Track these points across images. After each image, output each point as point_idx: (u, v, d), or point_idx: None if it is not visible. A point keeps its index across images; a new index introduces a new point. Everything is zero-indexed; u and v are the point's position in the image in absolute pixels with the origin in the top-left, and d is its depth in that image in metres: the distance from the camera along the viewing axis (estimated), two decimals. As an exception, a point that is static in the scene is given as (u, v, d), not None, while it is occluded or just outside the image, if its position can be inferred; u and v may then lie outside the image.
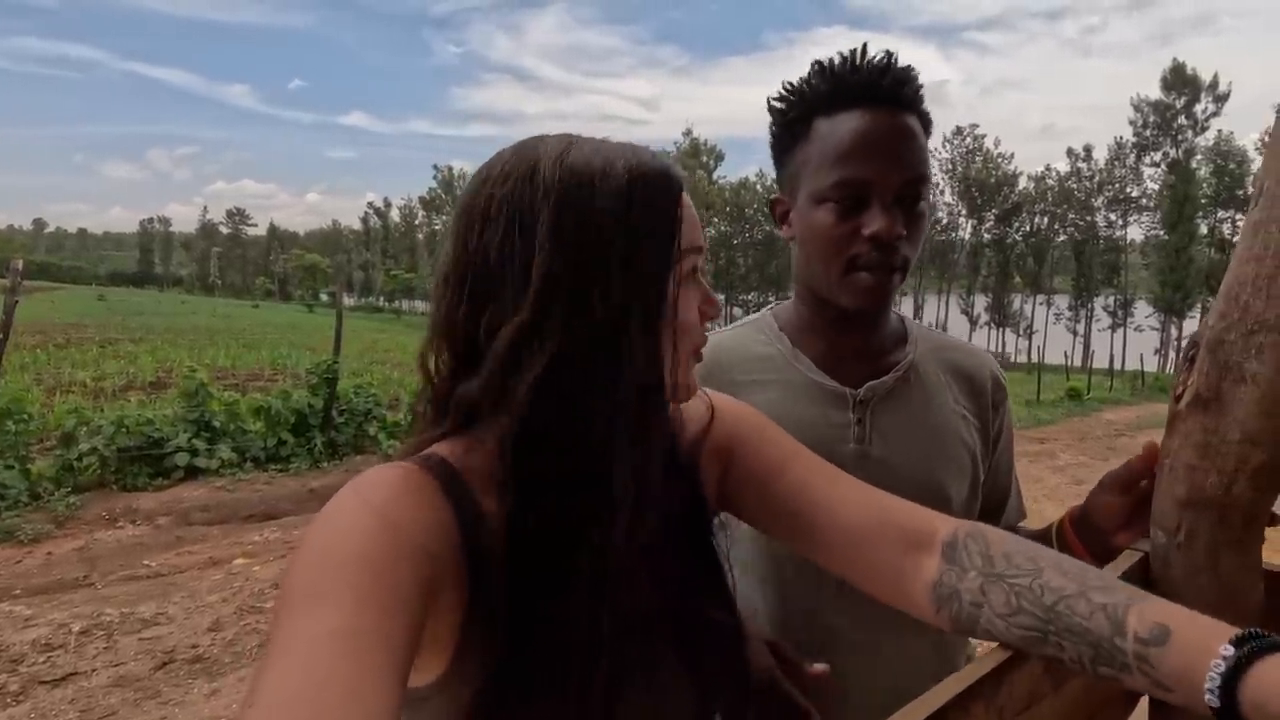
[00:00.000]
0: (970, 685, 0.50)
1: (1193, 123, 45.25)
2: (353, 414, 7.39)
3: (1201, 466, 0.64)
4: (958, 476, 0.92)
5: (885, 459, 0.89)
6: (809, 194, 0.87)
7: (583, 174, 0.55)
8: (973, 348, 1.04)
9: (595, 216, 0.54)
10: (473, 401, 0.55)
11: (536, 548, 0.54)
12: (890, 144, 0.84)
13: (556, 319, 0.53)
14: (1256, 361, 0.61)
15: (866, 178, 0.83)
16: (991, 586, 0.57)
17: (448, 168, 75.41)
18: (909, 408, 0.92)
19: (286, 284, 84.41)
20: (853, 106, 0.85)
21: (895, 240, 0.83)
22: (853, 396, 0.91)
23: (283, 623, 0.42)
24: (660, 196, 0.56)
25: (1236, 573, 0.65)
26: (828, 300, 0.90)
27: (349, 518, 0.48)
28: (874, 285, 0.85)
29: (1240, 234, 0.66)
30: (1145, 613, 0.50)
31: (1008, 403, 1.01)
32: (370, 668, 0.40)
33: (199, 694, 3.10)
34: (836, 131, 0.85)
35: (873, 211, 0.83)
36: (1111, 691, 0.65)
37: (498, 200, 0.55)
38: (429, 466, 0.54)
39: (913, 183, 0.84)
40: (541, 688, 0.53)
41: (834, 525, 0.65)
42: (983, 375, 0.99)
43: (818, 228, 0.86)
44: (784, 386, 0.92)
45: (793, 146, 0.90)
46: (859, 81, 0.85)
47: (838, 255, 0.85)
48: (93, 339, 17.45)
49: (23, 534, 4.76)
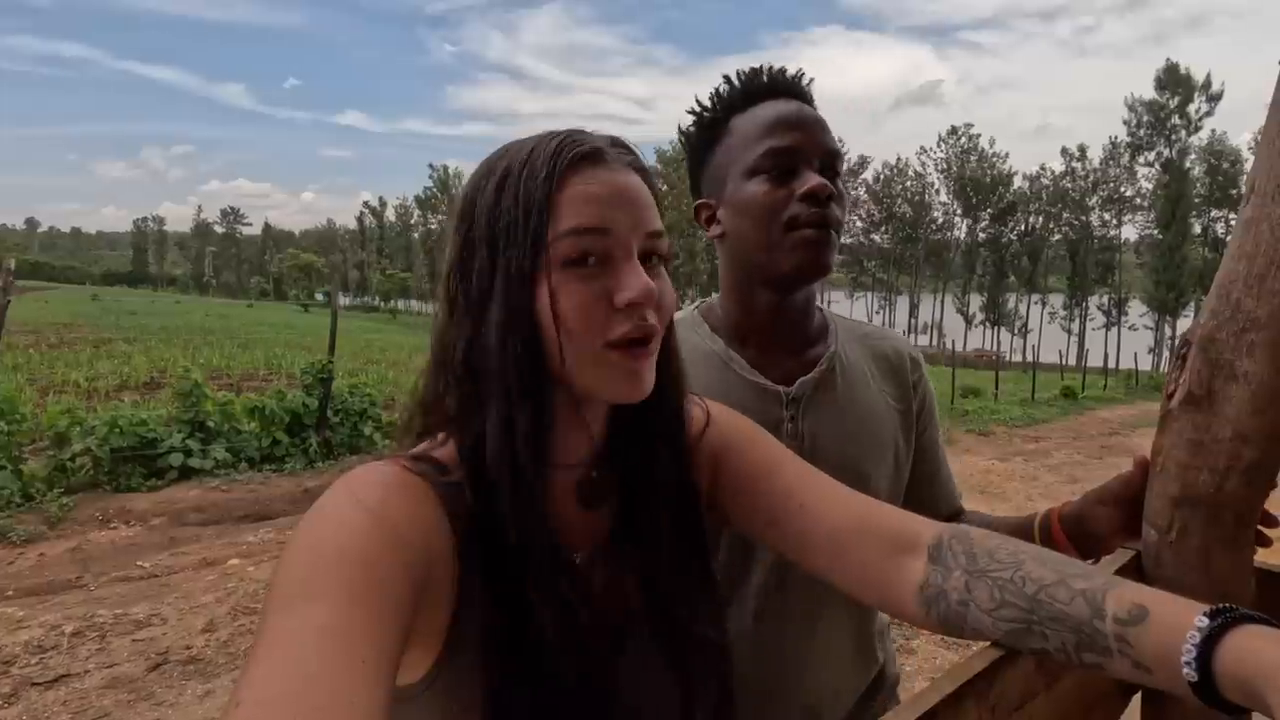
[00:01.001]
0: (963, 683, 0.50)
1: (1186, 122, 45.44)
2: (348, 414, 7.37)
3: (1193, 464, 0.65)
4: (879, 459, 0.96)
5: (815, 451, 0.92)
6: (739, 173, 0.91)
7: (482, 169, 0.57)
8: (887, 331, 1.09)
9: (475, 210, 0.56)
10: (427, 397, 0.58)
11: (496, 544, 0.54)
12: (808, 120, 0.91)
13: (460, 314, 0.55)
14: (1248, 359, 0.61)
15: (794, 145, 0.89)
16: (976, 582, 0.58)
17: (443, 167, 75.32)
18: (835, 399, 0.96)
19: (281, 284, 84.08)
20: (767, 99, 0.93)
21: (828, 197, 0.87)
22: (786, 394, 0.94)
23: (272, 618, 0.42)
24: (530, 183, 0.54)
25: (1228, 570, 0.65)
26: (766, 281, 0.93)
27: (340, 514, 0.48)
28: (814, 240, 0.88)
29: (1232, 232, 0.66)
30: (1123, 595, 0.51)
31: (925, 380, 1.06)
32: (360, 664, 0.40)
33: (192, 695, 3.09)
34: (757, 117, 0.92)
35: (803, 175, 0.88)
36: (1104, 688, 0.65)
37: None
38: (418, 464, 0.54)
39: (831, 155, 0.91)
40: (518, 683, 0.53)
41: (820, 530, 0.66)
42: (900, 357, 1.04)
43: (754, 198, 0.89)
44: (721, 385, 0.94)
45: (712, 147, 0.96)
46: (766, 82, 0.94)
47: (776, 218, 0.88)
48: (86, 339, 17.36)
49: (15, 535, 4.73)
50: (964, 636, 0.60)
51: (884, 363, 1.03)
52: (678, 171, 47.57)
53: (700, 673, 0.63)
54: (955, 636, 0.61)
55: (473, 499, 0.55)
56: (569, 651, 0.54)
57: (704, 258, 51.87)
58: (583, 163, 0.55)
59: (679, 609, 0.63)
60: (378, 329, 35.87)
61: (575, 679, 0.54)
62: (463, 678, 0.53)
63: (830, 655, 0.96)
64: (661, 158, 48.94)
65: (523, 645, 0.54)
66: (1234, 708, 0.45)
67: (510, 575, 0.54)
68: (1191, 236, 45.49)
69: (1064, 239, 52.44)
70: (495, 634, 0.53)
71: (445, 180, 72.81)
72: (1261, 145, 0.64)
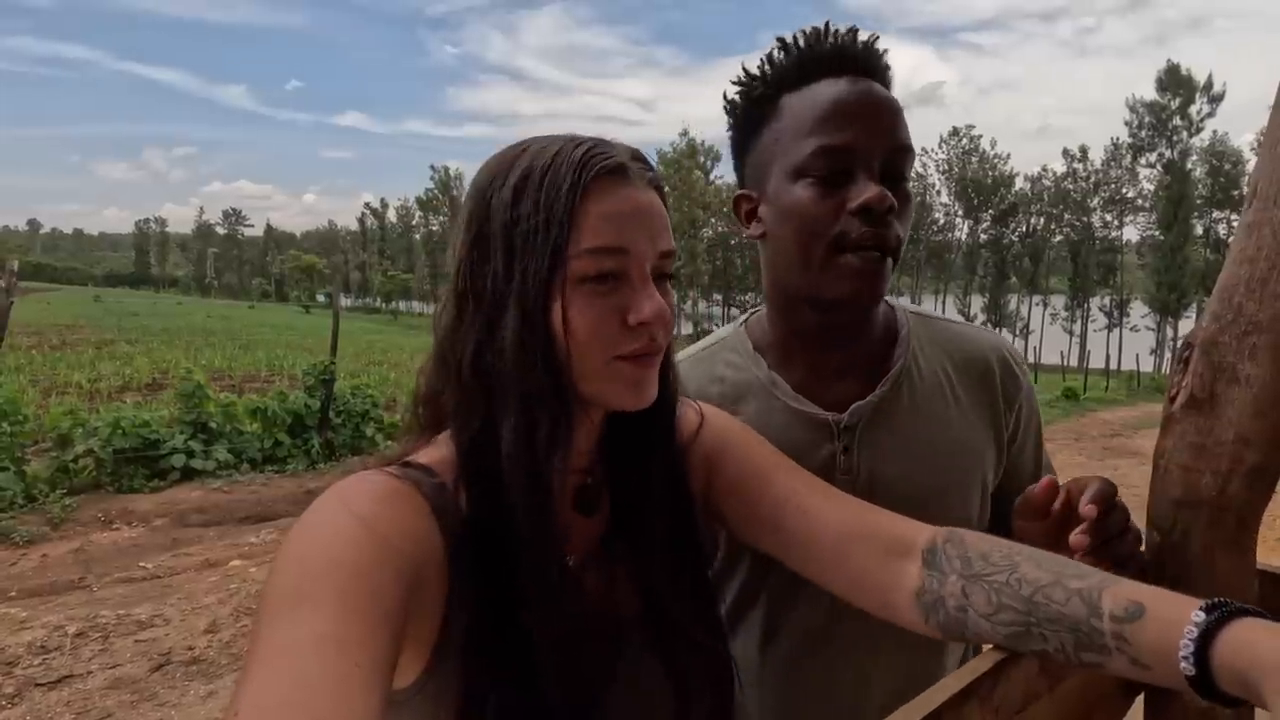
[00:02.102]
0: (967, 685, 0.50)
1: (1188, 124, 45.37)
2: (349, 415, 7.38)
3: (1196, 467, 0.65)
4: (960, 495, 0.83)
5: (877, 487, 0.80)
6: (784, 171, 0.76)
7: (496, 170, 0.57)
8: (977, 331, 0.91)
9: (489, 212, 0.56)
10: (427, 397, 0.58)
11: (491, 546, 0.54)
12: (872, 108, 0.74)
13: (470, 316, 0.56)
14: (1250, 363, 0.61)
15: (849, 144, 0.73)
16: (972, 587, 0.57)
17: (444, 168, 75.23)
18: (900, 425, 0.82)
19: (283, 285, 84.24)
20: (825, 76, 0.76)
21: (887, 212, 0.72)
22: (836, 423, 0.81)
23: (266, 627, 0.42)
24: (548, 192, 0.53)
25: (1231, 573, 0.65)
26: (808, 301, 0.80)
27: (331, 524, 0.48)
28: (864, 269, 0.73)
29: (1234, 235, 0.66)
30: (1119, 592, 0.51)
31: (1025, 389, 0.87)
32: (355, 671, 0.40)
33: (195, 696, 3.09)
34: (811, 100, 0.75)
35: (860, 183, 0.73)
36: (1106, 689, 0.66)
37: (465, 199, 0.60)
38: (409, 472, 0.55)
39: (899, 151, 0.75)
40: (512, 685, 0.54)
41: (816, 536, 0.65)
42: (988, 364, 0.86)
43: (797, 206, 0.75)
44: (760, 416, 0.82)
45: (759, 130, 0.80)
46: (828, 52, 0.76)
47: (821, 235, 0.74)
48: (88, 340, 17.40)
49: (18, 536, 4.74)
50: (966, 641, 0.60)
51: (970, 372, 0.85)
52: (679, 173, 47.55)
53: (697, 680, 0.63)
54: (958, 642, 0.61)
55: (468, 498, 0.55)
56: (559, 653, 0.54)
57: (705, 259, 51.87)
58: (607, 178, 0.55)
59: (674, 614, 0.63)
60: (379, 330, 35.89)
61: (564, 682, 0.54)
62: (451, 682, 0.53)
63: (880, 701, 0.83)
64: (662, 159, 48.92)
65: (509, 646, 0.54)
66: (1231, 700, 0.45)
67: (502, 574, 0.54)
68: (1193, 238, 45.44)
69: (1065, 240, 52.38)
70: (481, 634, 0.54)
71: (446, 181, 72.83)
72: (1264, 149, 0.64)
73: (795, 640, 0.85)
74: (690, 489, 0.69)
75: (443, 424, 0.60)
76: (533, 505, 0.54)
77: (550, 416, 0.55)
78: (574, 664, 0.55)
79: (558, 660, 0.54)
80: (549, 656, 0.54)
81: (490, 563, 0.54)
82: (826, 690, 0.84)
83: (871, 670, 0.84)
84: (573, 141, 0.57)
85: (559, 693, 0.54)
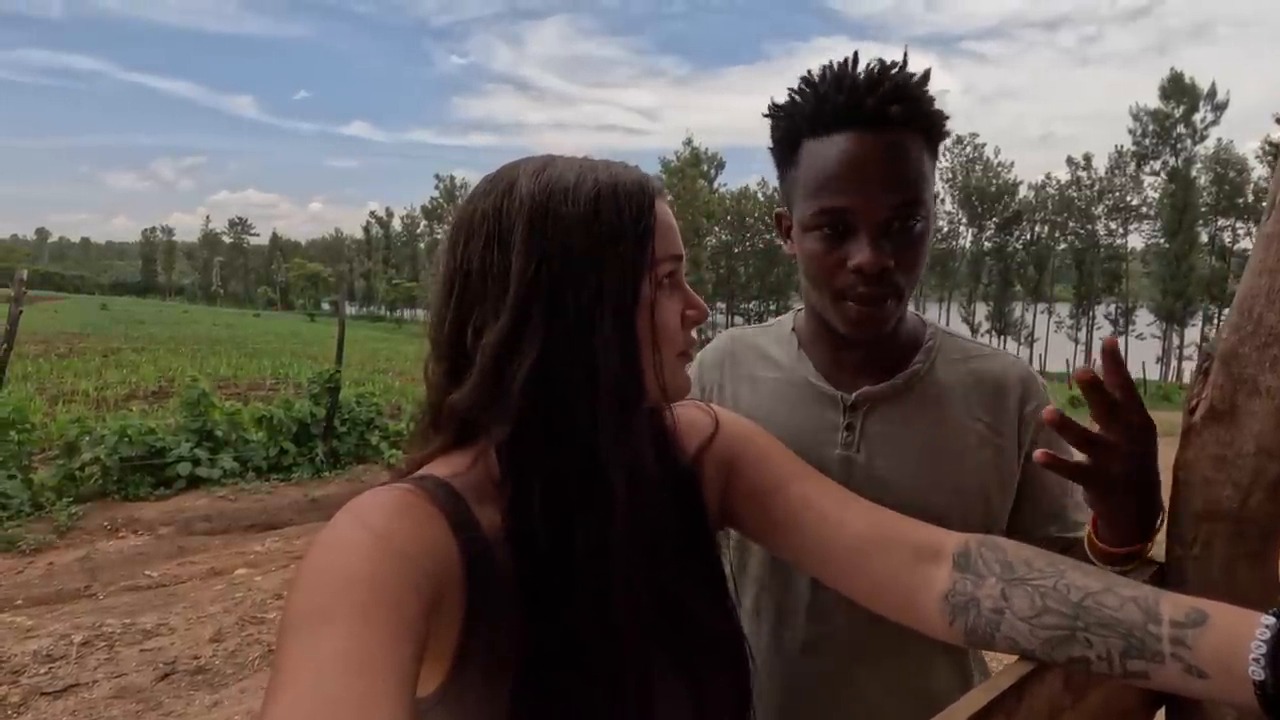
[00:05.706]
0: (991, 700, 0.50)
1: (1192, 131, 45.35)
2: (355, 423, 7.39)
3: (1217, 479, 0.64)
4: (958, 500, 0.85)
5: (872, 468, 0.86)
6: (798, 220, 0.84)
7: (555, 185, 0.58)
8: (999, 354, 0.94)
9: (564, 224, 0.57)
10: (464, 410, 0.57)
11: (539, 552, 0.55)
12: (874, 169, 0.77)
13: (536, 324, 0.56)
14: (1271, 374, 0.61)
15: (849, 206, 0.78)
16: (1013, 590, 0.57)
17: (449, 177, 75.49)
18: (907, 419, 0.88)
19: (288, 293, 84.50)
20: (838, 129, 0.79)
21: (880, 273, 0.78)
22: (844, 400, 0.89)
23: (288, 647, 0.42)
24: (629, 205, 0.59)
25: (1253, 586, 0.65)
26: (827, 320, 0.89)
27: (348, 541, 0.48)
28: (864, 316, 0.82)
29: (1253, 246, 0.66)
30: (1179, 600, 0.51)
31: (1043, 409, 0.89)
32: (380, 687, 0.41)
33: (201, 705, 3.08)
34: (820, 157, 0.80)
35: (858, 242, 0.79)
36: (1129, 704, 0.65)
37: (479, 214, 0.59)
38: (424, 486, 0.55)
39: (903, 207, 0.78)
40: (564, 692, 0.54)
41: (838, 541, 0.66)
42: (1003, 382, 0.90)
43: (807, 256, 0.83)
44: (782, 384, 0.93)
45: (787, 166, 0.86)
46: (843, 102, 0.78)
47: (827, 285, 0.83)
48: (95, 348, 17.47)
49: (24, 544, 4.76)
50: (992, 647, 0.59)
51: (985, 387, 0.90)
52: (683, 182, 47.71)
53: (714, 676, 0.64)
54: (980, 648, 0.61)
55: (514, 508, 0.55)
56: (617, 661, 0.55)
57: (708, 266, 51.93)
58: (657, 195, 0.62)
59: (688, 610, 0.64)
60: (384, 338, 35.97)
61: (607, 690, 0.55)
62: (471, 693, 0.54)
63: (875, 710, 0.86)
64: (667, 168, 49.09)
65: (562, 657, 0.54)
66: None
67: (555, 584, 0.55)
68: (1198, 245, 45.33)
69: (1070, 248, 52.33)
70: (530, 646, 0.54)
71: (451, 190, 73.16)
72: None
73: (791, 649, 0.89)
74: (699, 486, 0.70)
75: (460, 435, 0.60)
76: (628, 508, 0.56)
77: (639, 415, 0.60)
78: (624, 671, 0.56)
79: (615, 668, 0.55)
80: (605, 665, 0.55)
81: (543, 573, 0.55)
82: (818, 697, 0.88)
83: (863, 678, 0.87)
84: (615, 163, 0.62)
85: (610, 699, 0.55)
